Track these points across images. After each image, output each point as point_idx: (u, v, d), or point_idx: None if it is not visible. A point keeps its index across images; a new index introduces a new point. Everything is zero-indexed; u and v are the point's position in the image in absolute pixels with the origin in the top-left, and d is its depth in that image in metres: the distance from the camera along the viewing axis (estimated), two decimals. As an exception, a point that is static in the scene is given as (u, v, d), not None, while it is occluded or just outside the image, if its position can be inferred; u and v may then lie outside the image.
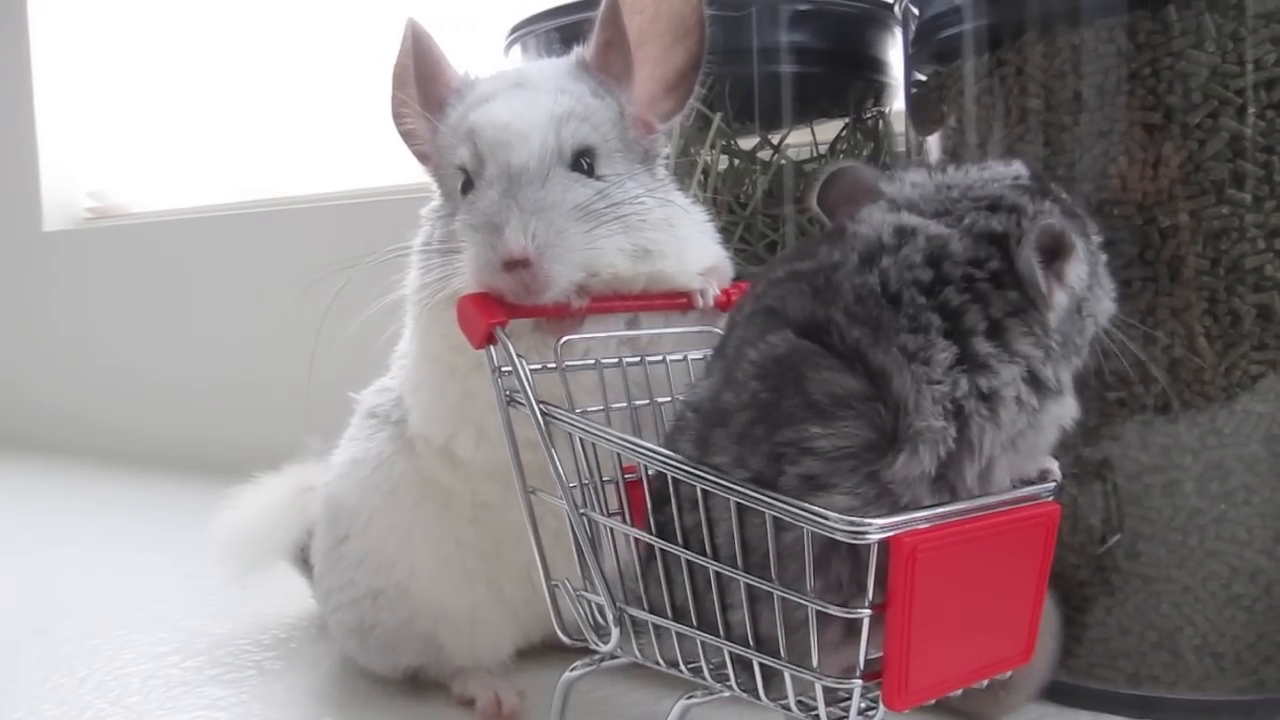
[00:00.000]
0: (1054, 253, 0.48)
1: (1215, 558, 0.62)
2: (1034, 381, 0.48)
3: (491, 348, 0.55)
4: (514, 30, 0.86)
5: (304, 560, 0.83)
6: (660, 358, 0.60)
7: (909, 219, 0.50)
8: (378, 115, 0.68)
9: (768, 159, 0.79)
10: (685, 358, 0.61)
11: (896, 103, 0.85)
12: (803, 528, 0.44)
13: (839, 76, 0.80)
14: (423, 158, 0.65)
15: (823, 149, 0.86)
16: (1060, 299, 0.48)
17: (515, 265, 0.54)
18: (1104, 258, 0.53)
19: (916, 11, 0.74)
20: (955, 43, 0.69)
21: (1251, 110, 0.60)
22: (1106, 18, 0.61)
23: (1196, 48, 0.60)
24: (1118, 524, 0.64)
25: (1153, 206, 0.61)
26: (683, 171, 0.76)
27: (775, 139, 0.81)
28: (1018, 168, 0.52)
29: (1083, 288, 0.50)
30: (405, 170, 0.68)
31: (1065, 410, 0.50)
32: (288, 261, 1.54)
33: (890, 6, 0.77)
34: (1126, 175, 0.62)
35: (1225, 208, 0.60)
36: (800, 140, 0.86)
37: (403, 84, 0.64)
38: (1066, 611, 0.66)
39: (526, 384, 0.54)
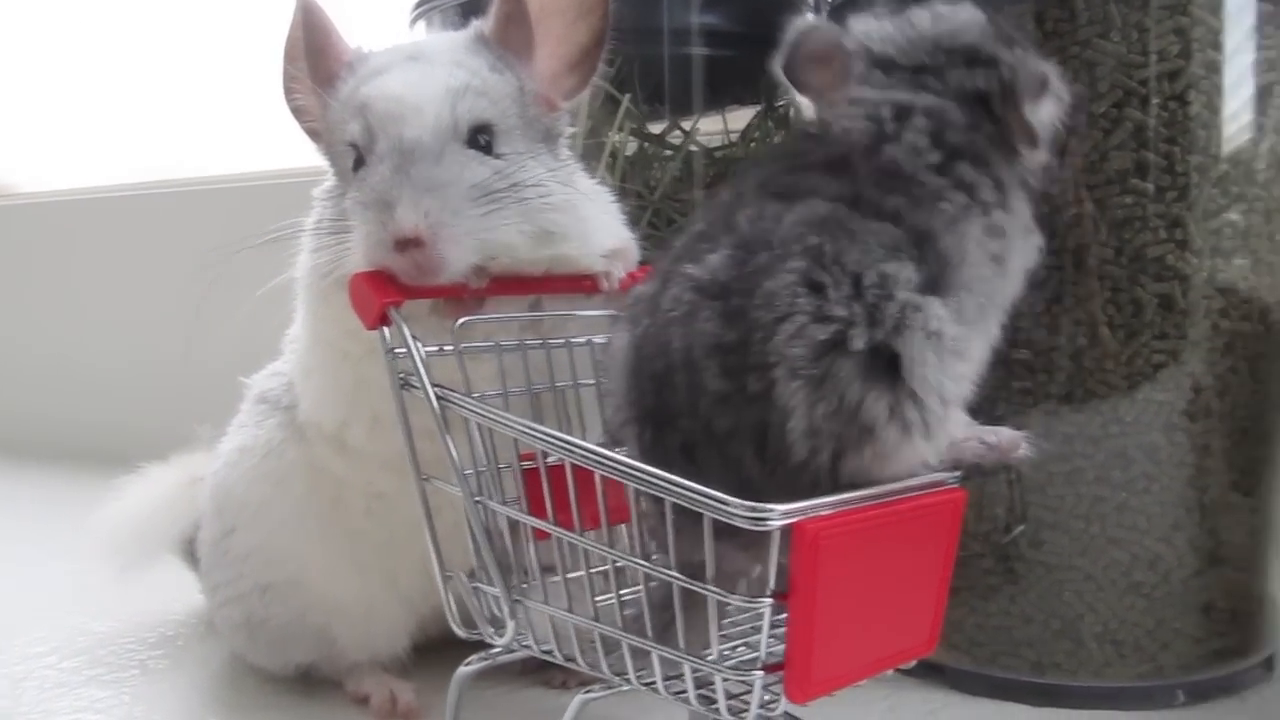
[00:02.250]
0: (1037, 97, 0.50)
1: (1116, 546, 0.63)
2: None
3: (385, 329, 0.53)
4: (419, 4, 0.84)
5: (192, 554, 0.79)
6: (563, 341, 0.58)
7: (901, 96, 0.49)
8: (276, 95, 0.66)
9: (678, 144, 0.78)
10: (589, 341, 0.59)
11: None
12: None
13: (752, 62, 0.79)
14: (314, 135, 0.62)
15: (734, 137, 0.85)
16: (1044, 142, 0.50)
17: (408, 245, 0.51)
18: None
19: (830, -5, 0.73)
20: (866, 27, 0.68)
21: (1155, 101, 0.60)
22: (1016, 4, 0.61)
23: (1103, 37, 0.60)
24: (1022, 513, 0.64)
25: (1058, 195, 0.61)
26: (591, 154, 0.74)
27: (686, 125, 0.80)
28: (971, 10, 0.52)
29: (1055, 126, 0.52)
30: (306, 152, 0.66)
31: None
32: (180, 244, 1.48)
33: (804, -10, 0.76)
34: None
35: (1129, 197, 0.60)
36: (712, 128, 0.85)
37: (293, 58, 0.61)
38: (971, 600, 0.65)
39: (421, 366, 0.51)
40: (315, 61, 0.60)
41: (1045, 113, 0.50)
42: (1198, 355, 0.62)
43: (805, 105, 0.55)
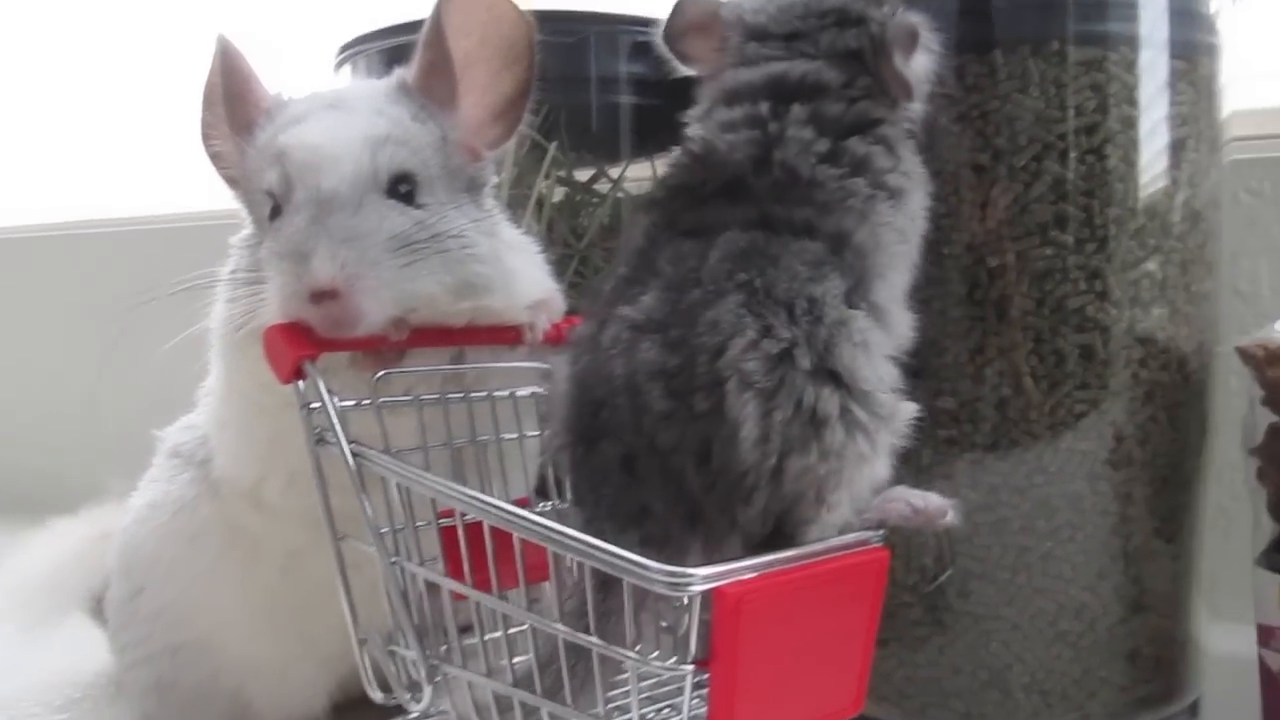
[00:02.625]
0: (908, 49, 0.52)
1: (1042, 595, 0.63)
2: None
3: (300, 382, 0.51)
4: (344, 49, 0.82)
5: (101, 612, 0.76)
6: (485, 394, 0.57)
7: (775, 69, 0.52)
8: (192, 137, 0.64)
9: (604, 191, 0.77)
10: (512, 394, 0.58)
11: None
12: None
13: (680, 109, 0.79)
14: (232, 182, 0.61)
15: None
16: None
17: (323, 296, 0.50)
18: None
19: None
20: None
21: (1073, 154, 0.61)
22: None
23: (1022, 92, 0.61)
24: (949, 562, 0.64)
25: (981, 246, 0.62)
26: (516, 202, 0.73)
27: (614, 172, 0.80)
28: None
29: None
30: (223, 195, 0.64)
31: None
32: (92, 287, 1.44)
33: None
34: (955, 214, 0.62)
35: (1049, 249, 0.61)
36: (639, 175, 0.84)
37: (211, 103, 0.60)
38: (900, 651, 0.65)
39: (336, 422, 0.50)
40: (233, 108, 0.58)
41: (918, 65, 0.53)
42: (1119, 405, 0.63)
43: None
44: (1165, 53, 0.63)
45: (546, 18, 0.60)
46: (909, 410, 0.50)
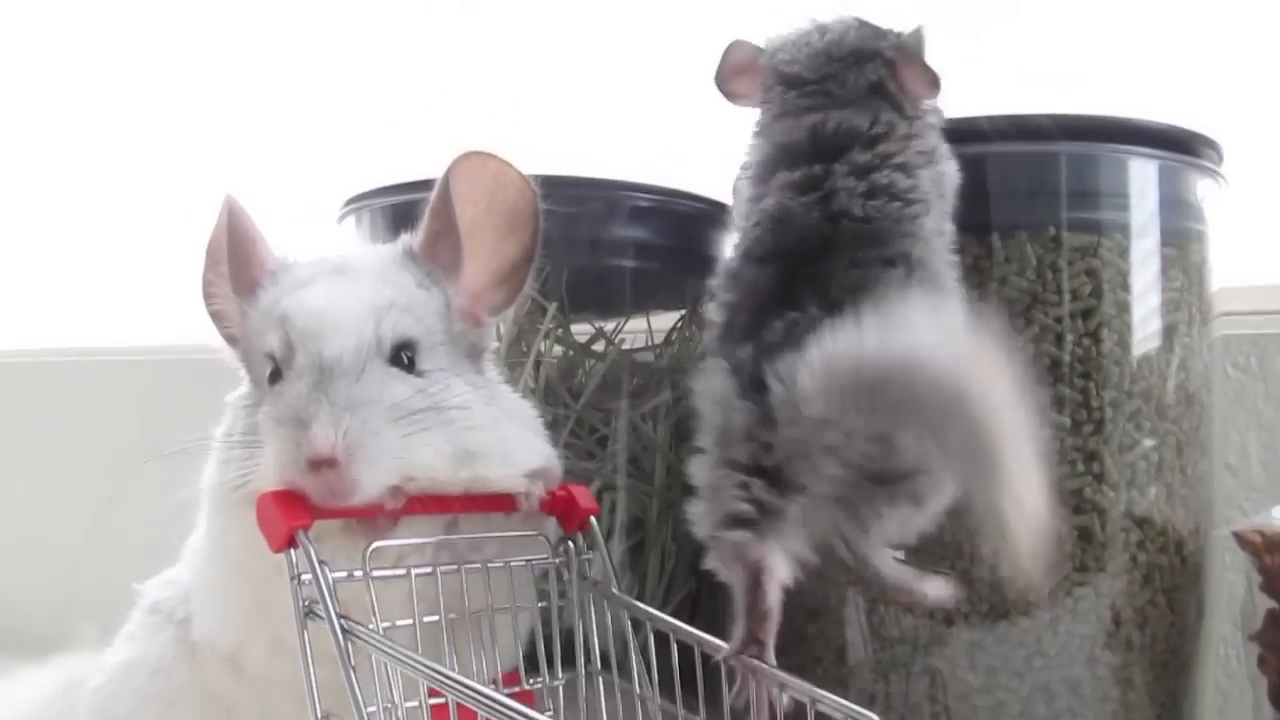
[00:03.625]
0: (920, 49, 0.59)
1: (1043, 783, 0.61)
2: None
3: (292, 551, 0.50)
4: (348, 203, 0.84)
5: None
6: (479, 565, 0.56)
7: (814, 119, 0.58)
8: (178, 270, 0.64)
9: (602, 350, 0.78)
10: (507, 565, 0.57)
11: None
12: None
13: (677, 272, 0.80)
14: (231, 341, 0.60)
15: (658, 337, 0.86)
16: None
17: (321, 465, 0.49)
18: None
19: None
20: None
21: (1070, 338, 0.62)
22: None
23: (1019, 275, 0.62)
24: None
25: (979, 426, 0.62)
26: (514, 361, 0.73)
27: (611, 328, 0.80)
28: (851, 19, 0.61)
29: None
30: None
31: None
32: (75, 418, 1.42)
33: (728, 207, 0.78)
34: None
35: (1047, 431, 0.61)
36: (636, 327, 0.85)
37: (214, 262, 0.60)
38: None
39: (327, 594, 0.49)
40: (237, 268, 0.58)
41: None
42: (1117, 587, 0.62)
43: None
44: (1157, 240, 0.64)
45: (549, 183, 0.61)
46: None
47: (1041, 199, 0.63)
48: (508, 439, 0.57)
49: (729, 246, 0.64)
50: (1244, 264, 0.85)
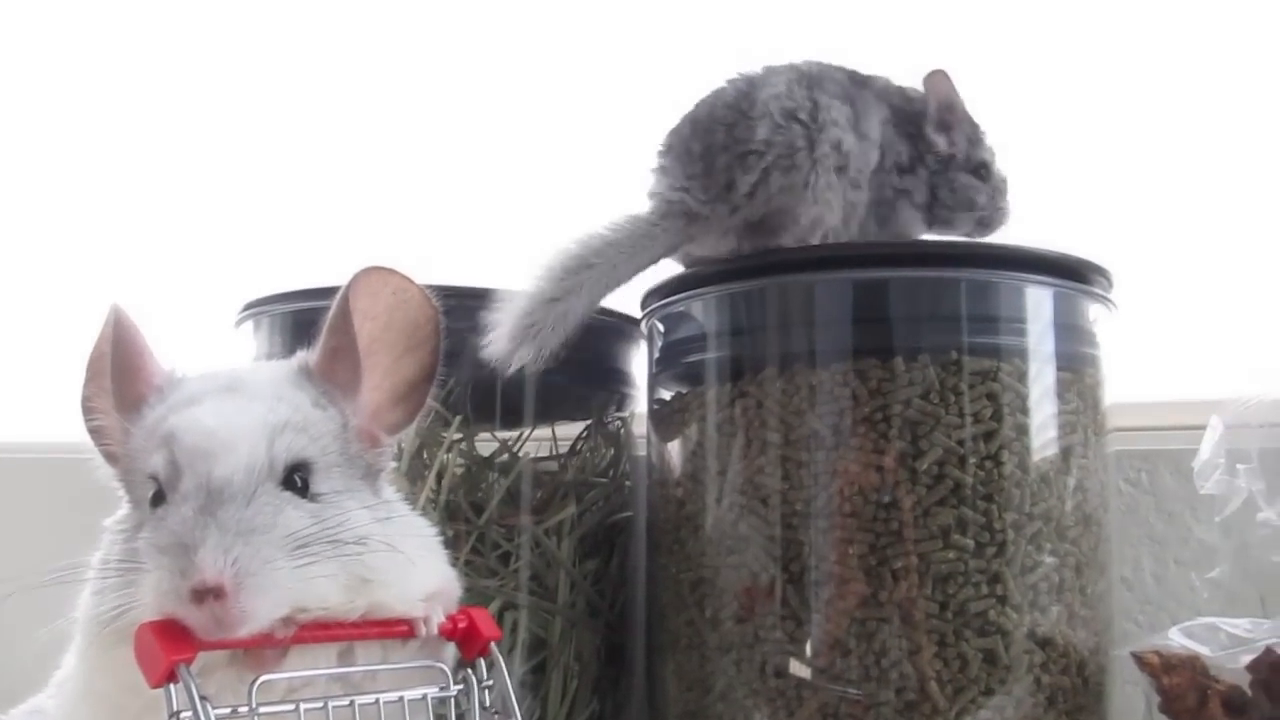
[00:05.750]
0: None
1: None
2: None
3: (171, 687, 0.47)
4: (247, 307, 0.81)
5: None
6: (373, 698, 0.53)
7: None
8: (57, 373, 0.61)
9: (507, 466, 0.76)
10: (401, 698, 0.54)
11: (639, 407, 0.85)
12: None
13: (583, 385, 0.80)
14: (111, 459, 0.57)
15: (563, 447, 0.84)
16: None
17: (207, 595, 0.46)
18: None
19: (663, 329, 0.75)
20: (699, 368, 0.70)
21: (972, 460, 0.62)
22: (840, 362, 0.64)
23: (923, 398, 0.62)
24: None
25: (885, 548, 0.62)
26: (415, 473, 0.71)
27: (515, 441, 0.79)
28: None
29: None
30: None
31: None
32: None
33: (637, 322, 0.78)
34: (860, 514, 0.62)
35: (951, 553, 0.62)
36: (541, 436, 0.84)
37: (96, 375, 0.57)
38: None
39: (208, 736, 0.46)
40: (122, 383, 0.55)
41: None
42: (1023, 711, 0.62)
43: None
44: (1053, 364, 0.66)
45: (454, 294, 0.60)
46: None
47: (943, 323, 0.64)
48: (405, 562, 0.55)
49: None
50: (1133, 382, 0.88)
